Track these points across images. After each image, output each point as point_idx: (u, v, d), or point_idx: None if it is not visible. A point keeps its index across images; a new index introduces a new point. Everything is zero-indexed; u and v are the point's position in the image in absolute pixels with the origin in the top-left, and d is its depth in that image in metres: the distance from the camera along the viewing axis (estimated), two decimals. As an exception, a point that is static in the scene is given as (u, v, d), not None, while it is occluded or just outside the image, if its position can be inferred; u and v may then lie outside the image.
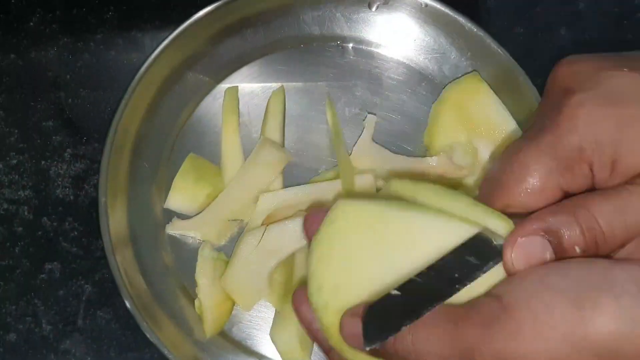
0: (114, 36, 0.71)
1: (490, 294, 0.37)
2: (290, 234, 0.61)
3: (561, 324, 0.34)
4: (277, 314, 0.63)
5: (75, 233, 0.66)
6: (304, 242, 0.60)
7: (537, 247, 0.37)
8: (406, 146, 0.68)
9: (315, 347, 0.62)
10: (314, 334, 0.44)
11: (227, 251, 0.64)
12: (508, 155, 0.42)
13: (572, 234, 0.37)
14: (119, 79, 0.69)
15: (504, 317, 0.35)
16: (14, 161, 0.68)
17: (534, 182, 0.40)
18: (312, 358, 0.62)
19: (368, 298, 0.40)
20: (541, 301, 0.34)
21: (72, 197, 0.67)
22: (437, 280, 0.39)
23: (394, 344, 0.38)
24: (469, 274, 0.38)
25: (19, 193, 0.67)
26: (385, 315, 0.39)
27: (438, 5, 0.68)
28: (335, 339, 0.41)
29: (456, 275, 0.38)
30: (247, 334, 0.63)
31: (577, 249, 0.37)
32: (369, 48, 0.71)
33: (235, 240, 0.63)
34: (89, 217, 0.66)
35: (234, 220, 0.64)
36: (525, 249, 0.37)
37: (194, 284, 0.63)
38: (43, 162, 0.68)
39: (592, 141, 0.39)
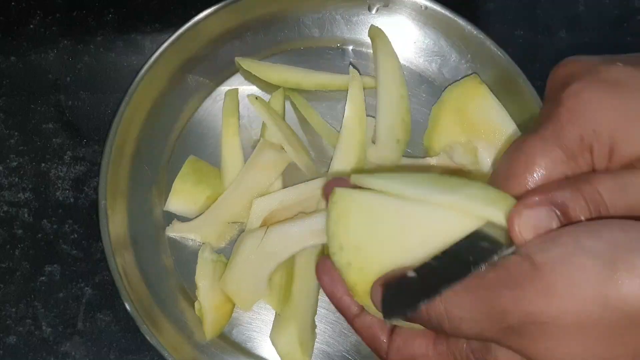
0: (114, 38, 0.71)
1: (519, 253, 0.36)
2: (291, 236, 0.61)
3: (594, 286, 0.33)
4: (277, 317, 0.63)
5: (75, 235, 0.66)
6: (305, 244, 0.61)
7: (544, 217, 0.37)
8: (406, 148, 0.68)
9: (316, 349, 0.62)
10: (337, 302, 0.45)
11: (227, 254, 0.64)
12: (513, 149, 0.42)
13: (577, 206, 0.37)
14: (119, 82, 0.69)
15: (535, 277, 0.34)
16: (14, 163, 0.68)
17: (540, 172, 0.40)
18: (312, 360, 0.62)
19: (388, 260, 0.41)
20: (574, 262, 0.34)
21: (72, 200, 0.67)
22: (451, 263, 0.39)
23: (427, 312, 0.38)
24: (484, 257, 0.38)
25: (19, 195, 0.67)
26: (402, 295, 0.39)
27: (438, 8, 0.68)
28: (360, 296, 0.42)
29: (470, 258, 0.38)
30: (247, 336, 0.63)
31: (583, 219, 0.37)
32: (368, 50, 0.71)
33: (235, 243, 0.63)
34: (89, 219, 0.66)
35: (234, 222, 0.64)
36: (533, 219, 0.37)
37: (194, 286, 0.63)
38: (43, 165, 0.68)
39: (590, 130, 0.39)
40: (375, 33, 0.70)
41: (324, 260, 0.45)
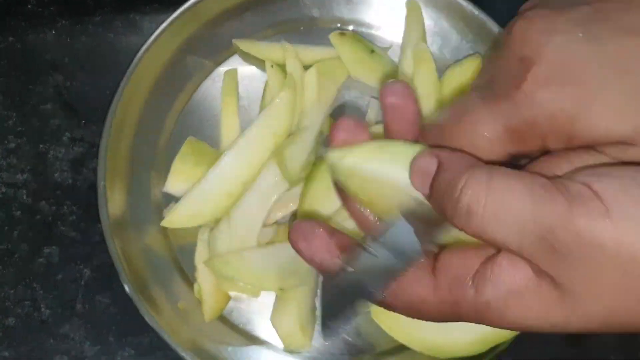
0: (113, 19, 0.71)
1: (574, 180, 0.34)
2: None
3: None
4: (278, 299, 0.62)
5: (74, 217, 0.66)
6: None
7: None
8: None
9: (316, 332, 0.62)
10: (318, 265, 0.42)
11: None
12: (460, 111, 0.41)
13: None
14: (118, 62, 0.69)
15: (594, 199, 0.33)
16: (12, 145, 0.67)
17: (482, 145, 0.39)
18: (312, 342, 0.62)
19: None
20: (634, 196, 0.32)
21: (70, 181, 0.67)
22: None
23: (463, 196, 0.35)
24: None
25: (17, 177, 0.66)
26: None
27: (439, -12, 0.68)
28: (366, 201, 0.41)
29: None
30: (247, 318, 0.63)
31: None
32: (369, 31, 0.71)
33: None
34: (88, 201, 0.66)
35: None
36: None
37: (193, 268, 0.63)
38: (41, 146, 0.67)
39: (548, 117, 0.37)
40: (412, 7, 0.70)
41: (296, 225, 0.43)
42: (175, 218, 0.62)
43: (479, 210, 0.34)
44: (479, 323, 0.37)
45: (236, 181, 0.62)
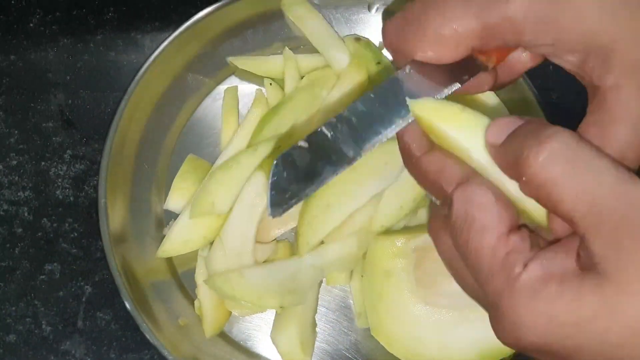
0: (114, 37, 0.71)
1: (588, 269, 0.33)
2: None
3: None
4: (278, 315, 0.63)
5: (75, 234, 0.66)
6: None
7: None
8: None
9: (316, 348, 0.62)
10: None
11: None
12: (429, 1, 0.39)
13: None
14: (119, 80, 0.69)
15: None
16: (14, 162, 0.68)
17: (448, 36, 0.38)
18: (312, 359, 0.62)
19: None
20: None
21: (72, 198, 0.67)
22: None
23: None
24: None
25: (19, 194, 0.67)
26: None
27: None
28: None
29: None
30: (247, 334, 0.63)
31: None
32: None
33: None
34: (89, 218, 0.66)
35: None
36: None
37: (193, 284, 0.63)
38: (43, 163, 0.68)
39: (532, 17, 0.37)
40: None
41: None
42: (169, 247, 0.63)
43: (562, 156, 0.32)
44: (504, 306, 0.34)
45: None
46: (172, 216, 0.65)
